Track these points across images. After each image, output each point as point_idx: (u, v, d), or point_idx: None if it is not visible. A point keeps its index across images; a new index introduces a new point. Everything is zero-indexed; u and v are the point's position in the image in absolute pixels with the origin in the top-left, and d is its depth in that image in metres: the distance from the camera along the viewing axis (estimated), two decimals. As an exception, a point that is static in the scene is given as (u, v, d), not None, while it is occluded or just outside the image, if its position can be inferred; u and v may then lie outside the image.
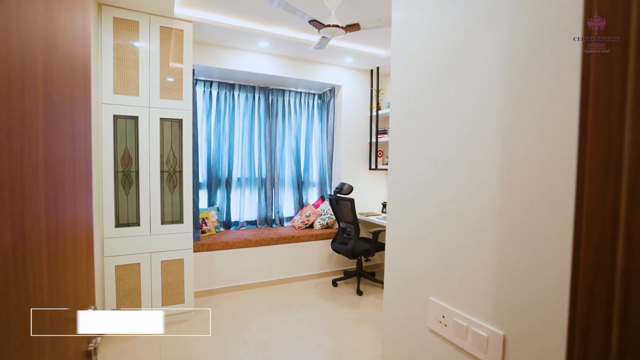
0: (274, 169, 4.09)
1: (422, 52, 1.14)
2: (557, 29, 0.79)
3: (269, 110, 4.03)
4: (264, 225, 4.06)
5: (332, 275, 3.95)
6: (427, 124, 1.13)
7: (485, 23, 0.96)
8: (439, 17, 1.11)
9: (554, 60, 0.79)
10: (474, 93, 0.97)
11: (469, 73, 1.00)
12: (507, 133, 0.85)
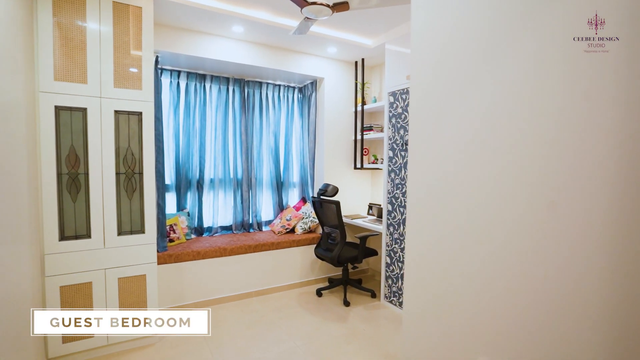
0: (251, 169, 3.74)
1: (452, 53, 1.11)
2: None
3: (244, 104, 3.67)
4: (240, 231, 3.71)
5: (315, 283, 3.65)
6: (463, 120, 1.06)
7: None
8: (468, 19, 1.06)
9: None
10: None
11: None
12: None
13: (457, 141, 1.10)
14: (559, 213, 0.86)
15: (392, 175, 3.07)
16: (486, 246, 1.02)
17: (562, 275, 0.85)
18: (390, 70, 3.05)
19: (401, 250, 2.97)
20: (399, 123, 2.96)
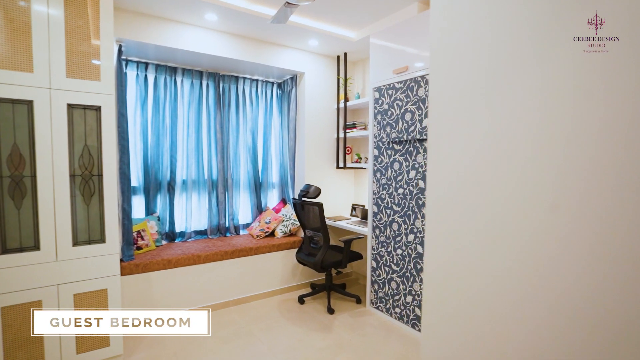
0: (227, 169, 3.50)
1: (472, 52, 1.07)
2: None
3: (219, 100, 3.43)
4: (216, 235, 3.46)
5: (297, 289, 3.46)
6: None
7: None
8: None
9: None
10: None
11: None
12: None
13: (479, 140, 1.05)
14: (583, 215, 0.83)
15: (378, 175, 2.92)
16: (512, 247, 0.98)
17: (591, 279, 0.82)
18: (375, 65, 2.90)
19: (388, 254, 2.84)
20: (384, 120, 2.81)
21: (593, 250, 0.81)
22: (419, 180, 2.55)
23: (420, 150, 2.54)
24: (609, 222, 0.79)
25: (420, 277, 2.56)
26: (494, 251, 1.01)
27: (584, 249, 0.83)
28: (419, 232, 2.56)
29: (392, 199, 2.79)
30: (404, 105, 2.64)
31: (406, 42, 2.63)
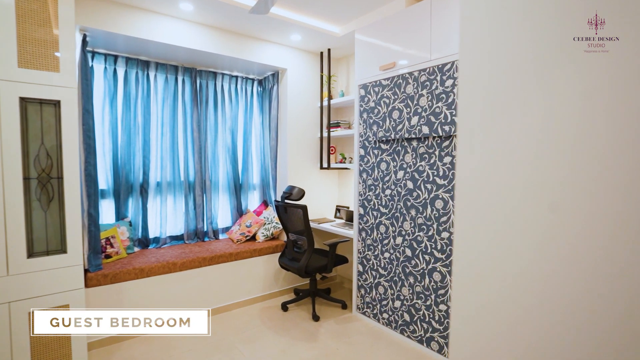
0: (205, 170, 3.31)
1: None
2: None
3: (196, 97, 3.23)
4: (193, 240, 3.26)
5: (280, 295, 3.31)
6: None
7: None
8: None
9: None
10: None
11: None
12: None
13: (518, 136, 0.99)
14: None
15: (364, 176, 2.81)
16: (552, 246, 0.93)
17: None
18: (360, 61, 2.79)
19: (375, 258, 2.73)
20: (371, 118, 2.71)
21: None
22: (407, 181, 2.46)
23: (408, 149, 2.45)
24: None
25: (409, 281, 2.47)
26: (519, 249, 0.99)
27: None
28: (407, 235, 2.47)
29: (379, 200, 2.69)
30: (391, 102, 2.54)
31: (393, 38, 2.53)
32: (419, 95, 2.34)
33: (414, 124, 2.37)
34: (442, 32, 2.21)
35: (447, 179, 2.21)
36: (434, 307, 2.32)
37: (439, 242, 2.27)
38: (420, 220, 2.38)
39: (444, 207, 2.24)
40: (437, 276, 2.30)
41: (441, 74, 2.22)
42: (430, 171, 2.31)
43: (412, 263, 2.45)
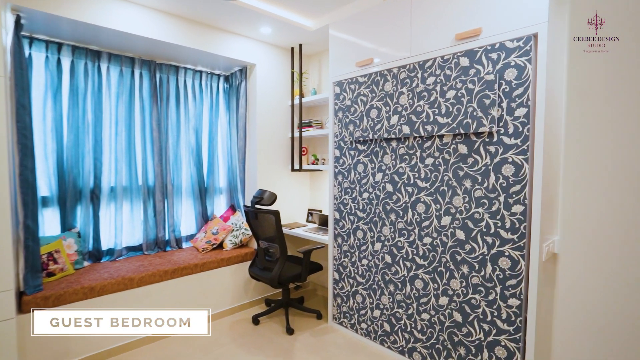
0: (166, 173, 3.02)
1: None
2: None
3: (156, 92, 2.93)
4: (153, 251, 2.96)
5: (250, 307, 3.09)
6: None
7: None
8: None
9: None
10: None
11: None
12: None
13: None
14: None
15: (340, 178, 2.66)
16: None
17: None
18: (335, 56, 2.64)
19: (352, 265, 2.59)
20: (347, 117, 2.56)
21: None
22: (387, 184, 2.34)
23: (387, 150, 2.33)
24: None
25: (389, 289, 2.35)
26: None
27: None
28: (387, 241, 2.35)
29: (356, 204, 2.55)
30: (368, 101, 2.41)
31: (370, 32, 2.41)
32: (399, 93, 2.23)
33: (394, 124, 2.26)
34: (423, 27, 2.11)
35: (429, 181, 2.11)
36: (416, 316, 2.21)
37: (420, 248, 2.17)
38: (401, 225, 2.27)
39: (425, 211, 2.13)
40: (419, 284, 2.19)
41: (422, 71, 2.12)
42: (411, 173, 2.20)
43: (392, 270, 2.34)
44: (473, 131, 1.88)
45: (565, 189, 1.97)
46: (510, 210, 1.79)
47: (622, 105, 1.75)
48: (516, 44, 1.75)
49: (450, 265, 2.04)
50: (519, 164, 1.76)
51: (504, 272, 1.83)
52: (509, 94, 1.78)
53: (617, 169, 1.79)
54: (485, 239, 1.89)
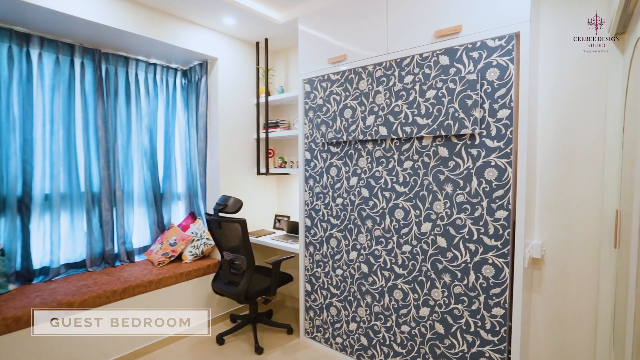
0: (115, 178, 2.66)
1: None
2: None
3: (101, 86, 2.58)
4: (99, 267, 2.59)
5: (214, 324, 2.81)
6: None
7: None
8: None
9: None
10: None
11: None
12: None
13: None
14: None
15: (311, 183, 2.49)
16: None
17: None
18: (305, 52, 2.47)
19: (325, 275, 2.42)
20: (318, 117, 2.39)
21: None
22: (362, 189, 2.19)
23: (362, 153, 2.18)
24: None
25: (365, 300, 2.21)
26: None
27: None
28: (363, 249, 2.21)
29: (329, 210, 2.39)
30: (342, 100, 2.26)
31: (344, 27, 2.26)
32: (375, 92, 2.09)
33: (370, 124, 2.12)
34: (400, 23, 2.00)
35: (407, 185, 1.99)
36: (396, 329, 2.08)
37: (399, 256, 2.05)
38: (378, 233, 2.13)
39: (404, 217, 2.02)
40: (398, 294, 2.07)
41: (399, 69, 2.00)
42: (389, 177, 2.07)
43: (369, 280, 2.19)
44: (455, 133, 1.79)
45: (543, 190, 1.94)
46: (493, 216, 1.72)
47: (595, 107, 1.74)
48: (498, 43, 1.68)
49: (432, 274, 1.93)
50: (502, 167, 1.69)
51: (488, 281, 1.75)
52: (491, 95, 1.70)
53: (594, 169, 1.79)
54: (468, 246, 1.80)
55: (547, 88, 1.89)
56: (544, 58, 1.90)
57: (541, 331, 1.97)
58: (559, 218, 1.89)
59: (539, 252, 1.92)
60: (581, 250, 1.84)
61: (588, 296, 1.82)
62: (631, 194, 1.41)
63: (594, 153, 1.79)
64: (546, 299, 1.95)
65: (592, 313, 1.82)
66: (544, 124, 1.91)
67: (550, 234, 1.92)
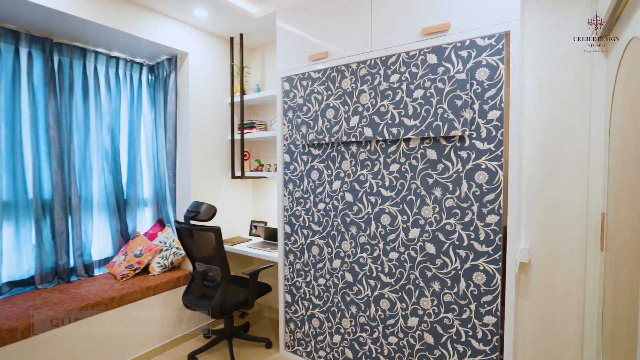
0: (70, 183, 2.39)
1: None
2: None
3: (53, 80, 2.30)
4: (52, 283, 2.30)
5: (185, 341, 2.59)
6: None
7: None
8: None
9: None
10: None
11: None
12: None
13: None
14: None
15: (291, 187, 2.34)
16: None
17: None
18: (284, 48, 2.33)
19: (307, 285, 2.28)
20: (299, 117, 2.26)
21: None
22: (346, 193, 2.08)
23: (346, 155, 2.07)
24: None
25: (350, 311, 2.09)
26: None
27: None
28: (347, 257, 2.09)
29: (310, 216, 2.25)
30: (324, 99, 2.14)
31: (326, 22, 2.14)
32: (359, 91, 1.99)
33: (354, 125, 2.01)
34: (386, 19, 1.90)
35: (394, 190, 1.90)
36: (382, 340, 1.98)
37: (386, 264, 1.95)
38: (363, 239, 2.03)
39: (391, 223, 1.92)
40: (384, 304, 1.96)
41: (385, 68, 1.91)
42: (374, 181, 1.97)
43: (353, 290, 2.08)
44: (444, 134, 1.71)
45: (529, 193, 1.91)
46: (484, 221, 1.66)
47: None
48: (487, 42, 1.62)
49: (420, 283, 1.84)
50: (493, 170, 1.63)
51: (479, 288, 1.68)
52: (481, 95, 1.64)
53: (580, 172, 1.77)
54: (458, 253, 1.73)
55: (533, 90, 1.87)
56: (529, 59, 1.87)
57: (529, 336, 1.93)
58: (546, 221, 1.86)
59: (526, 256, 1.88)
60: (568, 253, 1.81)
61: (575, 300, 1.80)
62: (619, 197, 1.38)
63: (579, 155, 1.77)
64: (533, 304, 1.91)
65: (580, 316, 1.80)
66: (530, 125, 1.88)
67: (536, 238, 1.89)
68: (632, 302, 1.14)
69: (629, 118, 1.28)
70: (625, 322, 1.19)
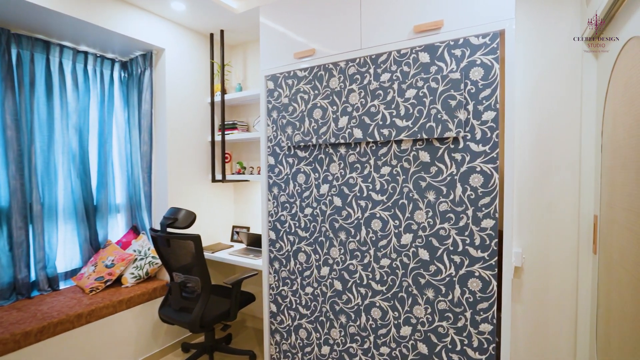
0: (31, 188, 2.17)
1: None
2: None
3: (11, 75, 2.08)
4: (9, 300, 2.08)
5: (162, 357, 2.42)
6: None
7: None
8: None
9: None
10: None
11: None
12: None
13: None
14: None
15: (275, 191, 2.22)
16: None
17: None
18: (267, 45, 2.21)
19: (293, 294, 2.16)
20: (284, 118, 2.14)
21: None
22: (334, 197, 1.98)
23: (334, 157, 1.98)
24: None
25: (339, 321, 1.99)
26: None
27: None
28: (336, 264, 1.99)
29: (296, 221, 2.14)
30: (311, 99, 2.04)
31: (312, 18, 2.04)
32: (348, 90, 1.90)
33: (343, 126, 1.92)
34: (376, 16, 1.83)
35: (385, 193, 1.82)
36: (374, 351, 1.89)
37: (377, 271, 1.86)
38: (353, 246, 1.93)
39: (382, 228, 1.83)
40: (376, 313, 1.88)
41: (375, 66, 1.83)
42: (364, 184, 1.88)
43: (343, 298, 1.98)
44: (437, 136, 1.65)
45: (521, 196, 1.88)
46: (479, 226, 1.60)
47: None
48: (482, 41, 1.57)
49: (413, 290, 1.77)
50: (489, 173, 1.57)
51: (475, 295, 1.62)
52: (476, 96, 1.58)
53: (571, 175, 1.75)
54: (453, 259, 1.66)
55: (523, 91, 1.84)
56: (519, 60, 1.84)
57: (522, 341, 1.89)
58: (538, 224, 1.83)
59: (519, 260, 1.85)
60: (560, 256, 1.79)
61: (568, 303, 1.78)
62: (613, 199, 1.36)
63: (571, 158, 1.75)
64: (526, 308, 1.88)
65: (572, 320, 1.77)
66: (521, 127, 1.85)
67: (529, 241, 1.86)
68: (629, 304, 1.10)
69: (629, 118, 1.24)
70: (620, 325, 1.15)
